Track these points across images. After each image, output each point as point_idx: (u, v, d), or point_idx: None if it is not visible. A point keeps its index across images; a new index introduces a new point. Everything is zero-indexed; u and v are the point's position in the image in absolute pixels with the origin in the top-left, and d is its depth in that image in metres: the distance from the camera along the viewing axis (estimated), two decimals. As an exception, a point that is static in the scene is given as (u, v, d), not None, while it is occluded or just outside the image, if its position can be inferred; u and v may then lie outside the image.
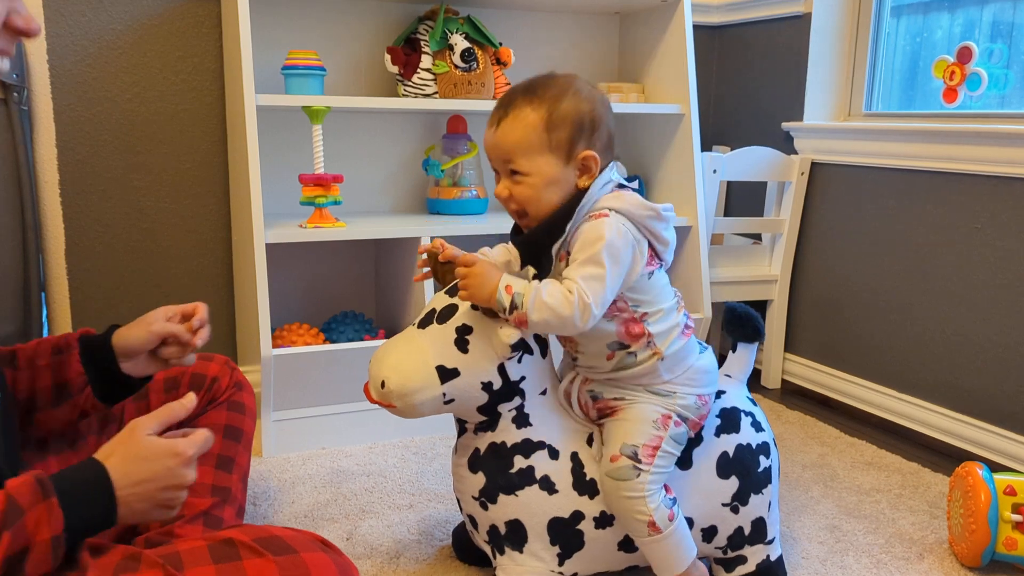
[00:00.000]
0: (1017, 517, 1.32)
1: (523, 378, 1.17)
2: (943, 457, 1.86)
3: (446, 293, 1.20)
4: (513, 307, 1.07)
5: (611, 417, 1.19)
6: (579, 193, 1.13)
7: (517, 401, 1.18)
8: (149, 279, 2.01)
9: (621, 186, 1.17)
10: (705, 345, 1.25)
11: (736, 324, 1.32)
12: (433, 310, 1.18)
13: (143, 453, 0.87)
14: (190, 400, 0.90)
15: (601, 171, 1.15)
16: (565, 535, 1.18)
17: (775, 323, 2.30)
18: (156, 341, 1.12)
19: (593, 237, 1.09)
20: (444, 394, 1.14)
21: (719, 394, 1.28)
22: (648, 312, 1.15)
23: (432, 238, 1.21)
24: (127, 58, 1.93)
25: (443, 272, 1.18)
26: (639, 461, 1.14)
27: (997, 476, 1.37)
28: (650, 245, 1.15)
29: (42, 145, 1.81)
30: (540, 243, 1.15)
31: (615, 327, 1.15)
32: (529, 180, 1.13)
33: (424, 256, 1.21)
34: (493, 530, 1.20)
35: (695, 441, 1.23)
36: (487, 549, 1.24)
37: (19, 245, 1.76)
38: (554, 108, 1.11)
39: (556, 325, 1.08)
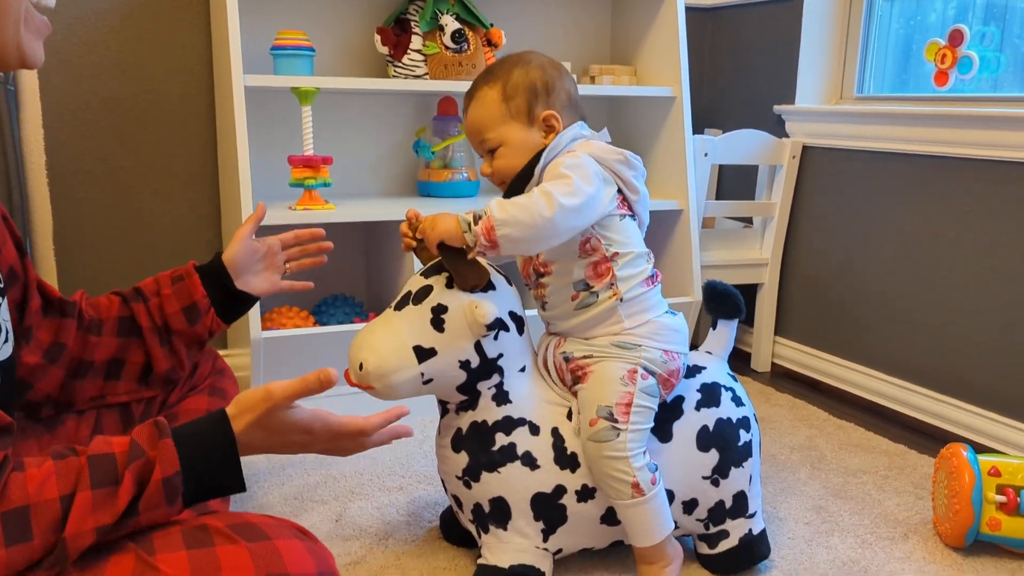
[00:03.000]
0: (1001, 498, 1.32)
1: (500, 355, 1.18)
2: (929, 439, 1.87)
3: (422, 275, 1.20)
4: (477, 219, 1.09)
5: (582, 383, 1.20)
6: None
7: (496, 379, 1.19)
8: (137, 261, 2.00)
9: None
10: (676, 311, 1.27)
11: (716, 301, 1.32)
12: (409, 292, 1.18)
13: (274, 426, 0.89)
14: (327, 375, 0.90)
15: (567, 128, 1.23)
16: (548, 510, 1.19)
17: (765, 307, 2.31)
18: (254, 253, 1.26)
19: (558, 167, 1.16)
20: (422, 374, 1.14)
21: (700, 369, 1.28)
22: (619, 252, 1.20)
23: (410, 210, 1.23)
24: (114, 38, 1.91)
25: (421, 250, 1.20)
26: (616, 421, 1.15)
27: (982, 457, 1.37)
28: (620, 192, 1.21)
29: (28, 125, 1.80)
30: (515, 191, 1.21)
31: (585, 265, 1.20)
32: (502, 151, 1.23)
33: (407, 235, 1.22)
34: (477, 508, 1.21)
35: (675, 414, 1.24)
36: (472, 529, 1.25)
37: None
38: (507, 80, 1.23)
39: (525, 221, 1.08)
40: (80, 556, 0.78)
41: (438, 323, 1.14)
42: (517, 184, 1.23)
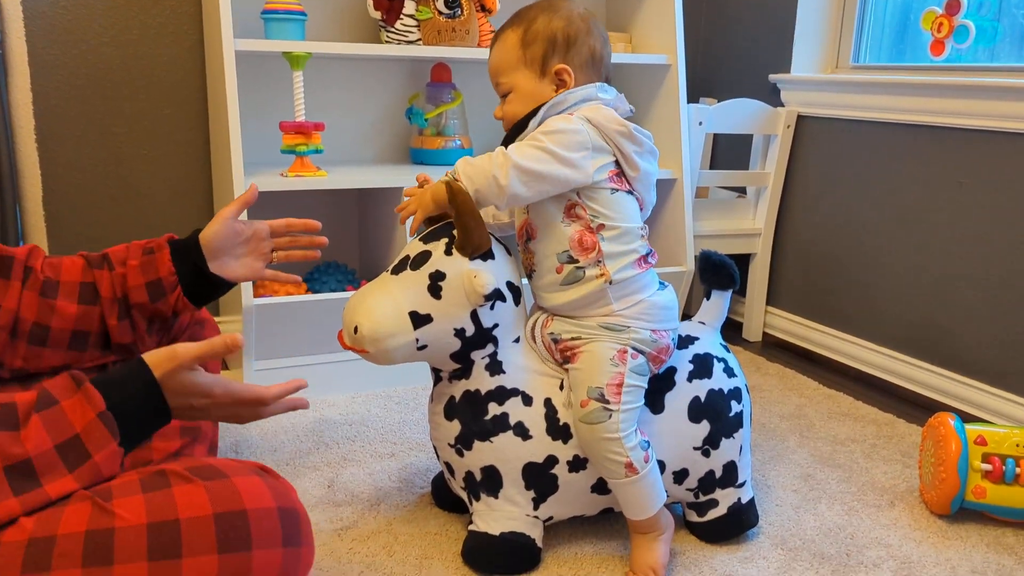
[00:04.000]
0: (987, 466, 1.34)
1: (496, 325, 1.18)
2: (918, 408, 1.88)
3: (420, 240, 1.19)
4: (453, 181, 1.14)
5: (572, 363, 1.20)
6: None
7: (490, 348, 1.19)
8: (128, 227, 1.99)
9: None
10: (665, 284, 1.26)
11: (710, 271, 1.32)
12: (407, 256, 1.18)
13: (176, 387, 0.89)
14: (233, 339, 0.90)
15: (581, 86, 1.20)
16: (539, 479, 1.20)
17: (758, 277, 2.31)
18: (235, 236, 1.17)
19: (547, 127, 1.16)
20: (417, 340, 1.14)
21: (692, 340, 1.29)
22: (605, 225, 1.18)
23: (420, 174, 1.26)
24: (103, 1, 1.88)
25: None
26: (607, 402, 1.15)
27: (969, 426, 1.39)
28: (618, 164, 1.19)
29: (17, 90, 1.77)
30: (507, 141, 1.21)
31: (569, 233, 1.18)
32: (511, 97, 1.22)
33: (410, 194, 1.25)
34: (469, 476, 1.22)
35: (667, 385, 1.24)
36: (463, 496, 1.26)
37: (-4, 192, 1.74)
38: (529, 26, 1.21)
39: (481, 183, 1.13)
40: (40, 507, 0.78)
41: (435, 290, 1.14)
42: (512, 133, 1.22)
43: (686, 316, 2.04)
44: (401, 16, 1.92)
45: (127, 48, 1.92)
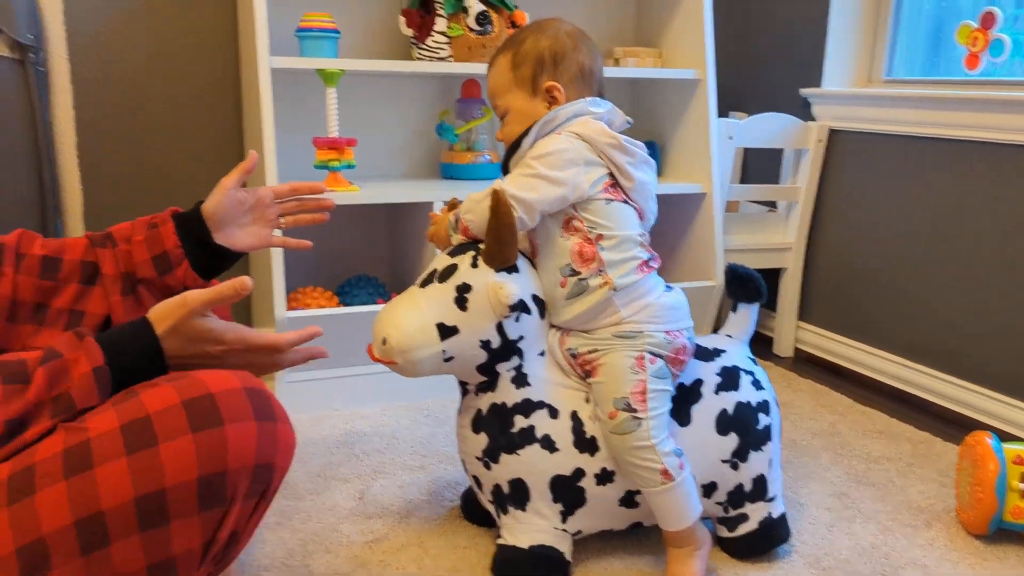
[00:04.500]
0: (1025, 486, 1.31)
1: (521, 338, 1.18)
2: (954, 427, 1.85)
3: (448, 254, 1.21)
4: (456, 221, 1.22)
5: (593, 377, 1.20)
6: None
7: (515, 361, 1.19)
8: (165, 241, 2.03)
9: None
10: (671, 286, 1.25)
11: (737, 284, 1.32)
12: (435, 270, 1.19)
13: (189, 333, 0.90)
14: (241, 282, 0.91)
15: (572, 102, 1.22)
16: (567, 492, 1.20)
17: (789, 291, 2.29)
18: (238, 205, 1.15)
19: (535, 150, 1.19)
20: (444, 351, 1.15)
21: (719, 352, 1.28)
22: (603, 235, 1.19)
23: (451, 198, 1.30)
24: (143, 19, 1.93)
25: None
26: (635, 410, 1.15)
27: (1006, 445, 1.36)
28: (612, 175, 1.21)
29: (59, 107, 1.82)
30: (506, 160, 1.26)
31: (569, 245, 1.19)
32: (508, 118, 1.26)
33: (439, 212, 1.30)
34: (497, 489, 1.22)
35: (694, 397, 1.24)
36: (492, 509, 1.26)
37: (38, 206, 1.78)
38: (518, 48, 1.24)
39: (477, 212, 1.18)
40: (17, 452, 0.80)
41: (462, 302, 1.15)
42: (508, 154, 1.25)
43: (714, 330, 2.02)
44: (432, 33, 1.95)
45: (166, 65, 1.97)
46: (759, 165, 2.45)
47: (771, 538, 1.28)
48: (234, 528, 0.84)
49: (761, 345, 2.35)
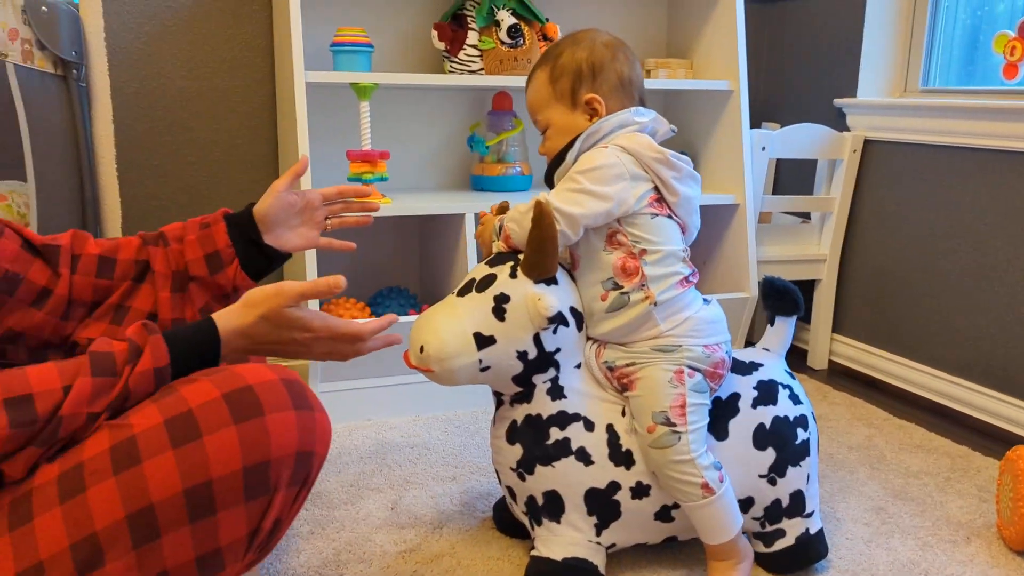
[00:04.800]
0: (1069, 502, 1.29)
1: (558, 349, 1.18)
2: (994, 441, 1.82)
3: (486, 264, 1.21)
4: (500, 228, 1.22)
5: (631, 391, 1.19)
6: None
7: (551, 373, 1.19)
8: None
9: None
10: (709, 299, 1.24)
11: (774, 297, 1.31)
12: (473, 279, 1.20)
13: (280, 321, 0.95)
14: (336, 280, 0.96)
15: (615, 112, 1.22)
16: (602, 505, 1.19)
17: (823, 303, 2.27)
18: (288, 207, 1.18)
19: (581, 164, 1.18)
20: (480, 361, 1.15)
21: (757, 366, 1.27)
22: (647, 250, 1.18)
23: (502, 201, 1.31)
24: (181, 35, 1.97)
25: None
26: (674, 424, 1.14)
27: (1049, 460, 1.34)
28: (657, 190, 1.20)
29: (99, 121, 1.85)
30: (549, 174, 1.26)
31: (612, 260, 1.18)
32: (549, 133, 1.26)
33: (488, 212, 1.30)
34: (531, 501, 1.22)
35: (731, 411, 1.23)
36: (525, 520, 1.26)
37: (78, 220, 1.82)
38: (555, 62, 1.24)
39: (518, 225, 1.19)
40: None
41: (499, 312, 1.15)
42: (552, 167, 1.25)
43: (749, 343, 2.01)
44: (464, 46, 1.96)
45: (203, 81, 2.00)
46: (791, 176, 2.43)
47: (808, 554, 1.27)
48: (278, 516, 0.86)
49: (795, 358, 2.32)
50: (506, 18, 1.96)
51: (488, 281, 1.17)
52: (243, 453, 0.81)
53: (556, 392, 1.20)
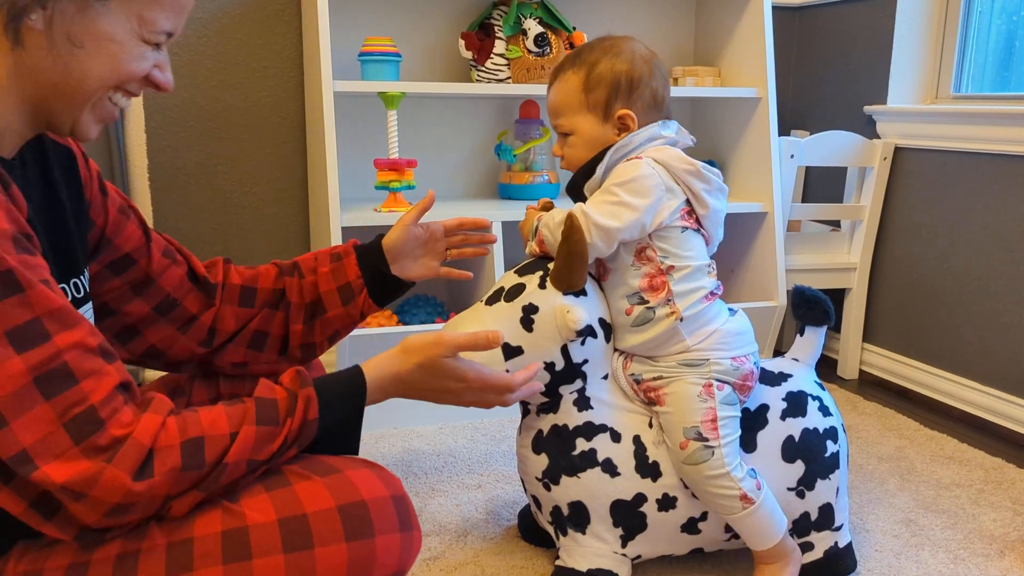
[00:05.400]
0: (1107, 518, 1.26)
1: (585, 361, 1.18)
2: (1030, 454, 1.79)
3: (515, 273, 1.21)
4: (536, 231, 1.21)
5: (659, 406, 1.19)
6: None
7: (578, 384, 1.19)
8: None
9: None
10: (734, 310, 1.23)
11: (805, 307, 1.29)
12: (501, 288, 1.20)
13: (436, 370, 0.97)
14: (495, 335, 0.98)
15: (643, 127, 1.20)
16: (628, 517, 1.19)
17: (853, 312, 2.24)
18: (414, 239, 1.22)
19: (618, 176, 1.16)
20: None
21: (786, 377, 1.26)
22: (675, 266, 1.17)
23: (546, 199, 1.31)
24: (212, 46, 2.00)
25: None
26: (706, 439, 1.14)
27: (1086, 474, 1.31)
28: (688, 202, 1.19)
29: (132, 131, 1.89)
30: (576, 185, 1.24)
31: (640, 275, 1.17)
32: (572, 140, 1.22)
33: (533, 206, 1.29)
34: (556, 511, 1.22)
35: (760, 423, 1.22)
36: (550, 530, 1.26)
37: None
38: (592, 70, 1.19)
39: (551, 233, 1.18)
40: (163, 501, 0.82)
41: (527, 322, 1.15)
42: (579, 179, 1.23)
43: (778, 352, 1.99)
44: (491, 55, 1.97)
45: (233, 91, 2.03)
46: (820, 183, 2.41)
47: (837, 568, 1.25)
48: None
49: (825, 367, 2.30)
50: (533, 27, 1.97)
51: (517, 291, 1.17)
52: (348, 570, 0.82)
53: (583, 403, 1.19)
